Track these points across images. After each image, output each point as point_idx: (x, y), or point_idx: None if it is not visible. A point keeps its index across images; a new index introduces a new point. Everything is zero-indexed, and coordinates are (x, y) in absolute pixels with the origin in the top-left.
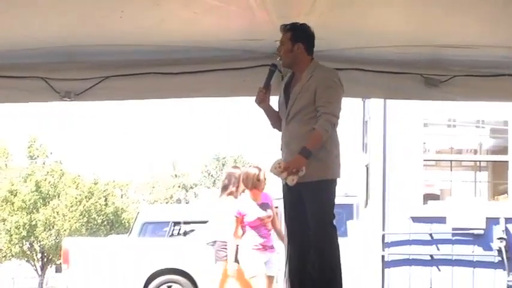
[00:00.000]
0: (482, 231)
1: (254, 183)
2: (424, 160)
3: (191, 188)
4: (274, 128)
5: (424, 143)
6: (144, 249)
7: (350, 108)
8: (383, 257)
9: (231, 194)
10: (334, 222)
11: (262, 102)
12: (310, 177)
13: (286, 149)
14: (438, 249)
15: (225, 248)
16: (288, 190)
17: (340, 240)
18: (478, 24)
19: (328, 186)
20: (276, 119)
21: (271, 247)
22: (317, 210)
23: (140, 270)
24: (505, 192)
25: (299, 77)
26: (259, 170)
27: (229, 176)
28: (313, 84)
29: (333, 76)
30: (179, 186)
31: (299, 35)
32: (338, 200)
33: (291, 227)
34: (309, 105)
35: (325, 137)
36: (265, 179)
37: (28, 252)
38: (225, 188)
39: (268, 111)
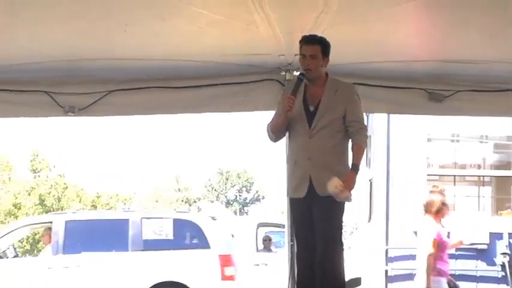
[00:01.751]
0: (485, 246)
1: (439, 208)
2: (428, 175)
3: (194, 202)
4: (276, 139)
5: (428, 157)
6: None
7: None
8: (386, 271)
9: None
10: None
11: (290, 110)
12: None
13: (309, 161)
14: None
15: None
16: (298, 205)
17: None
18: (482, 39)
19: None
20: (284, 131)
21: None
22: (332, 224)
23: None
24: (509, 207)
25: (317, 90)
26: (443, 195)
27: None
28: (341, 99)
29: (356, 90)
30: (182, 200)
31: (327, 49)
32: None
33: (302, 243)
34: (337, 119)
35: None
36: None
37: None
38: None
39: (287, 120)
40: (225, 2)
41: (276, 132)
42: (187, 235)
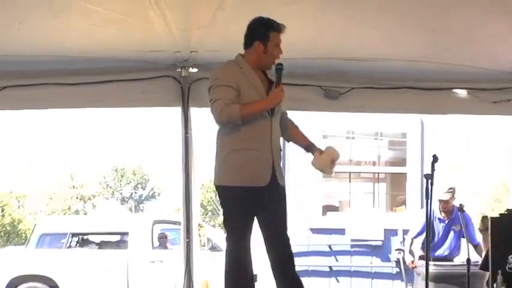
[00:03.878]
0: (380, 243)
1: None
2: None
3: (89, 199)
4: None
5: None
6: (42, 261)
7: None
8: None
9: None
10: None
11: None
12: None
13: (273, 147)
14: (337, 260)
15: None
16: (251, 194)
17: None
18: (377, 37)
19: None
20: None
21: None
22: (286, 215)
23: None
24: (403, 203)
25: (261, 76)
26: None
27: None
28: None
29: None
30: (77, 198)
31: None
32: None
33: (247, 233)
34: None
35: None
36: None
37: None
38: None
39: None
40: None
41: (249, 118)
42: None
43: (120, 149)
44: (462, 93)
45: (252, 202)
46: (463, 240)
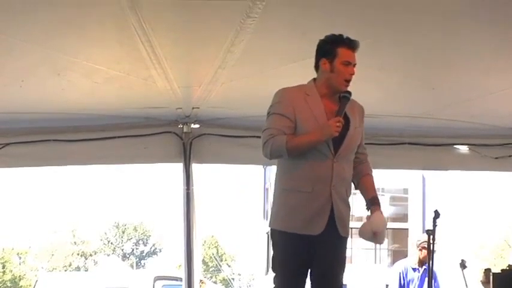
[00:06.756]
0: None
1: None
2: None
3: (90, 255)
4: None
5: None
6: None
7: (251, 175)
8: None
9: None
10: None
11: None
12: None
13: (333, 191)
14: None
15: None
16: (303, 243)
17: None
18: (379, 94)
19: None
20: None
21: None
22: (343, 271)
23: None
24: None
25: (333, 106)
26: None
27: None
28: (359, 121)
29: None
30: (78, 254)
31: None
32: None
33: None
34: (357, 145)
35: None
36: None
37: None
38: None
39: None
40: (123, 59)
41: (298, 153)
42: None
43: (121, 205)
44: (463, 149)
45: (304, 251)
46: None
